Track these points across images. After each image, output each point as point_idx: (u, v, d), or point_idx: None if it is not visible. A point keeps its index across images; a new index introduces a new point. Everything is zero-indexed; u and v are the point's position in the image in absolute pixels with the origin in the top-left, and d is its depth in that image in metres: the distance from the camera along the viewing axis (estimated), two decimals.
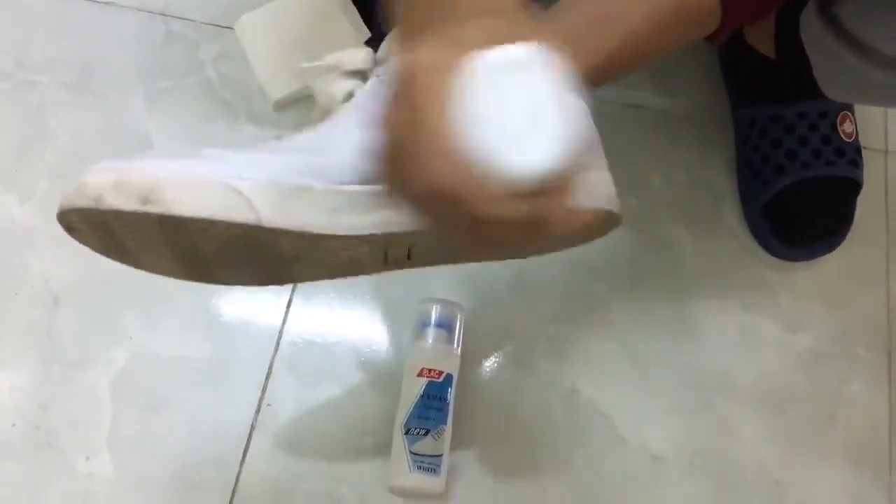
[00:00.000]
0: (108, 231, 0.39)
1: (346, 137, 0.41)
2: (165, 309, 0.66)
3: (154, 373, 0.64)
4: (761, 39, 0.71)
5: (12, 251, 0.67)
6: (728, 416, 0.66)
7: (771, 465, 0.65)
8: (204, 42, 0.76)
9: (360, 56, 0.44)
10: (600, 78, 0.46)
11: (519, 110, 0.29)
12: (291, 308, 0.67)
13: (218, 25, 0.77)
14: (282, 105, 0.73)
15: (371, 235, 0.39)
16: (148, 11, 0.77)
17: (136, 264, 0.44)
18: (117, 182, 0.37)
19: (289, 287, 0.67)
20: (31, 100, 0.73)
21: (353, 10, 0.74)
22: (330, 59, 0.44)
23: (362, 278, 0.67)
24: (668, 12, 0.47)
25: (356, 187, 0.39)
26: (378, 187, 0.40)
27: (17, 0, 0.76)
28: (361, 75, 0.44)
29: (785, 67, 0.69)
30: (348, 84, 0.43)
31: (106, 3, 0.77)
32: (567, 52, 0.44)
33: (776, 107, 0.70)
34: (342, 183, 0.39)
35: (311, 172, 0.39)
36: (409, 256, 0.43)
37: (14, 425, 0.62)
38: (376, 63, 0.44)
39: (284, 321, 0.66)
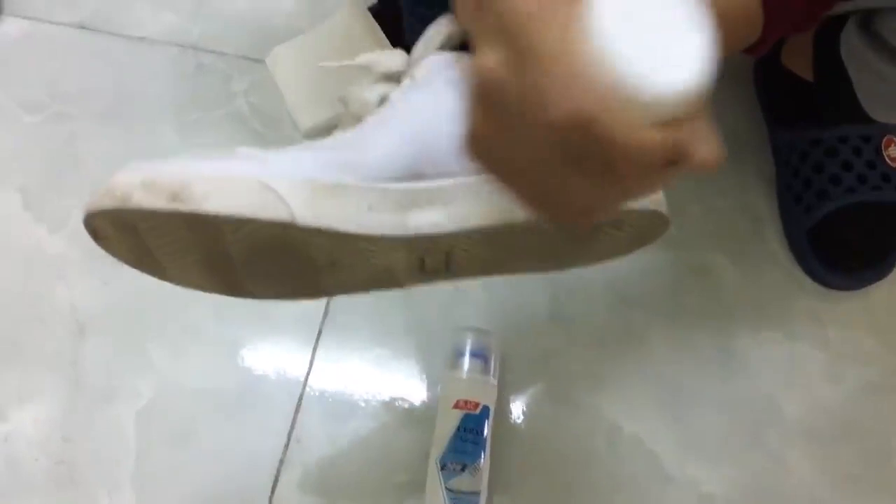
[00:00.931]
0: (135, 235, 0.37)
1: (384, 136, 0.39)
2: (193, 340, 0.65)
3: (180, 405, 0.62)
4: (799, 61, 0.70)
5: (40, 281, 0.66)
6: (780, 451, 0.63)
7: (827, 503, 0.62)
8: (235, 74, 0.76)
9: (395, 57, 0.43)
10: None
11: (651, 24, 0.25)
12: (322, 339, 0.65)
13: (249, 58, 0.77)
14: (313, 134, 0.72)
15: (407, 237, 0.37)
16: (180, 45, 0.77)
17: (164, 275, 0.42)
18: (146, 181, 0.35)
19: (319, 318, 0.66)
20: (63, 131, 0.73)
21: (385, 39, 0.74)
22: (363, 58, 0.43)
23: (394, 307, 0.66)
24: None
25: (393, 185, 0.38)
26: (416, 185, 0.38)
27: (52, 35, 0.77)
28: (395, 78, 0.42)
29: (825, 89, 0.67)
30: (382, 88, 0.42)
31: (139, 38, 0.77)
32: None
33: (816, 130, 0.68)
34: (379, 180, 0.38)
35: (346, 169, 0.37)
36: (447, 266, 0.41)
37: (37, 460, 0.60)
38: (410, 65, 0.43)
39: (314, 353, 0.65)
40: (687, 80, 0.25)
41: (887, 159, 0.68)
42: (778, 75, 0.72)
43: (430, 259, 0.40)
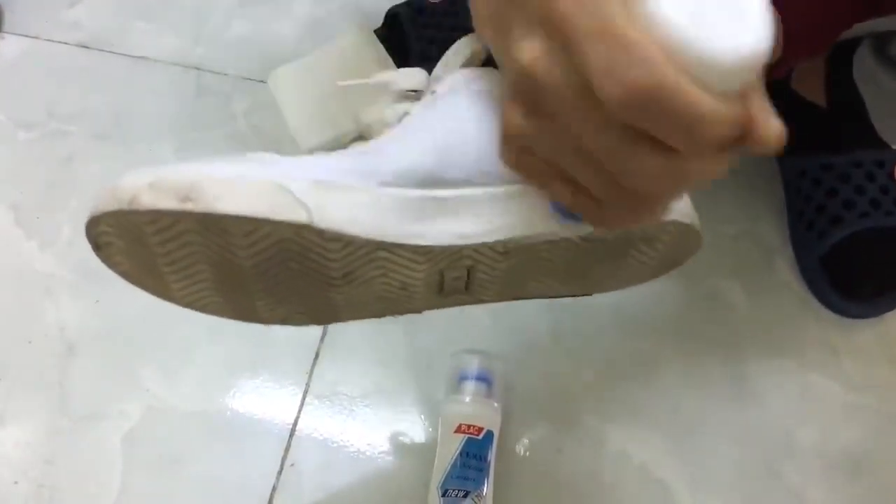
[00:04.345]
0: (140, 243, 0.35)
1: (404, 144, 0.37)
2: (185, 361, 0.62)
3: (170, 428, 0.60)
4: (810, 86, 0.69)
5: (29, 298, 0.64)
6: (795, 482, 0.60)
7: None
8: (236, 95, 0.75)
9: (415, 75, 0.41)
10: None
11: None
12: (319, 361, 0.63)
13: (251, 79, 0.76)
14: (314, 154, 0.71)
15: (428, 247, 0.35)
16: (181, 66, 0.76)
17: (167, 292, 0.38)
18: (154, 183, 0.33)
19: (316, 340, 0.63)
20: (60, 149, 0.71)
21: (390, 61, 0.73)
22: (381, 77, 0.41)
23: (394, 329, 0.64)
24: None
25: (416, 192, 0.36)
26: (440, 193, 0.36)
27: (52, 53, 0.76)
28: (414, 97, 0.40)
29: (838, 113, 0.66)
30: (402, 107, 0.39)
31: (140, 57, 0.77)
32: None
33: (829, 155, 0.67)
34: (400, 187, 0.36)
35: (366, 175, 0.35)
36: (467, 286, 0.39)
37: (16, 483, 0.57)
38: (431, 83, 0.41)
39: (311, 375, 0.62)
40: (751, 45, 0.24)
41: None
42: (788, 100, 0.71)
43: (450, 276, 0.38)
